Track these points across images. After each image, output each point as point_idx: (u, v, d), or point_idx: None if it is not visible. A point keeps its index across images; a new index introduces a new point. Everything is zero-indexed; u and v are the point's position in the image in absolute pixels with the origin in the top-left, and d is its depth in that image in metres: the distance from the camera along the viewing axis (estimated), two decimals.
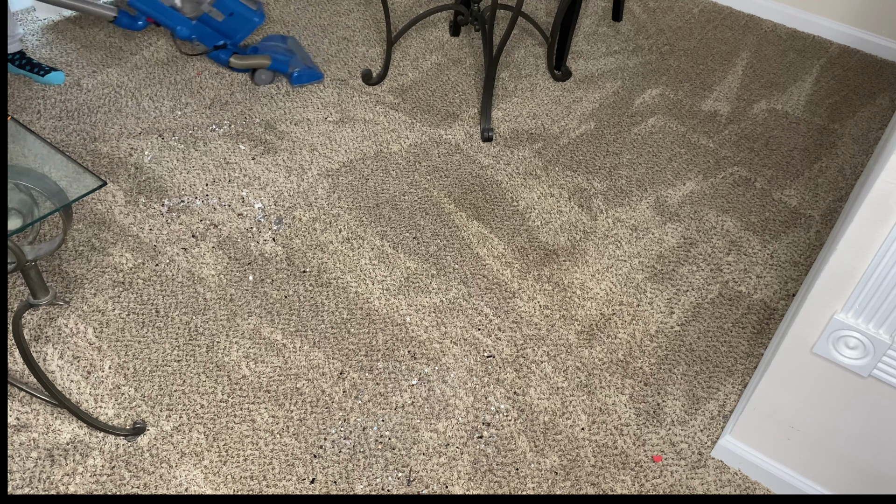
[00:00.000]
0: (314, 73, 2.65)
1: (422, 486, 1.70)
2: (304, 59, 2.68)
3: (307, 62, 2.66)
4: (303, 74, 2.63)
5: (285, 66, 2.61)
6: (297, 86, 2.61)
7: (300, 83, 2.63)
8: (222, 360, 1.89)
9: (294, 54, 2.68)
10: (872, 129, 2.74)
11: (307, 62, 2.66)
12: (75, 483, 1.65)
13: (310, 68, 2.64)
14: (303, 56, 2.69)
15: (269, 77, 2.62)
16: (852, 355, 1.43)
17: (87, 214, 2.22)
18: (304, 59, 2.67)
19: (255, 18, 2.47)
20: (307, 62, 2.66)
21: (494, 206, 2.35)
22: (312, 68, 2.65)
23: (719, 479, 1.76)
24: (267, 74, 2.61)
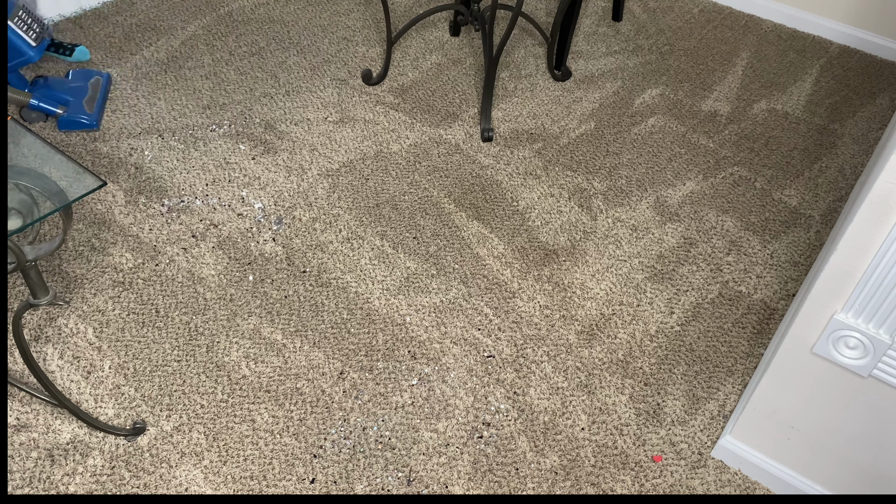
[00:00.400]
0: (82, 122, 2.38)
1: (422, 486, 1.70)
2: (90, 103, 2.41)
3: (89, 109, 2.39)
4: (70, 121, 2.38)
5: (53, 108, 2.37)
6: (63, 130, 2.38)
7: (65, 128, 2.39)
8: (222, 360, 1.89)
9: (82, 96, 2.42)
10: (872, 129, 2.74)
11: (89, 109, 2.39)
12: (75, 483, 1.65)
13: (84, 115, 2.37)
14: (91, 100, 2.42)
15: (37, 116, 2.41)
16: (852, 355, 1.43)
17: (87, 214, 2.22)
18: (88, 105, 2.40)
19: (30, 52, 2.24)
20: (89, 109, 2.39)
21: (494, 206, 2.35)
22: (87, 115, 2.37)
23: (719, 479, 1.76)
24: (34, 114, 2.40)
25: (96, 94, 2.45)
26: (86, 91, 2.46)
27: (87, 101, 2.42)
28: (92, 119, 2.38)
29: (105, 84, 2.54)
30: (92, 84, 2.49)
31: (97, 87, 2.49)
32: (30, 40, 2.20)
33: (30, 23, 2.21)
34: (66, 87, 2.44)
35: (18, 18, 2.18)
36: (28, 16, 2.22)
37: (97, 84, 2.50)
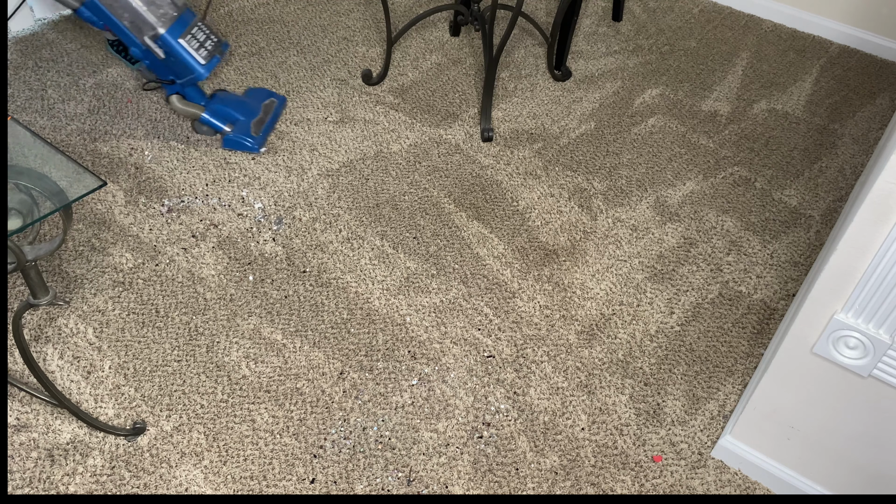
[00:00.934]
0: (246, 144, 2.40)
1: (422, 486, 1.70)
2: (258, 125, 2.42)
3: (255, 131, 2.41)
4: (234, 141, 2.41)
5: (220, 125, 2.41)
6: (225, 148, 2.40)
7: (228, 147, 2.41)
8: (222, 360, 1.89)
9: (251, 117, 2.44)
10: (872, 129, 2.74)
11: (255, 131, 2.41)
12: (75, 483, 1.65)
13: (249, 137, 2.39)
14: (259, 123, 2.43)
15: (206, 130, 2.45)
16: (852, 355, 1.43)
17: (87, 214, 2.22)
18: (255, 127, 2.41)
19: (199, 70, 2.25)
20: (255, 131, 2.41)
21: (494, 206, 2.35)
22: (252, 139, 2.40)
23: (719, 479, 1.76)
24: (204, 127, 2.44)
25: (266, 117, 2.46)
26: (257, 112, 2.47)
27: (255, 123, 2.43)
28: (255, 142, 2.40)
29: (279, 107, 2.55)
30: (265, 105, 2.50)
31: (269, 109, 2.50)
32: (199, 58, 2.22)
33: (203, 40, 2.23)
34: (239, 105, 2.46)
35: (191, 35, 2.21)
36: (203, 32, 2.25)
37: (270, 106, 2.51)
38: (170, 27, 2.20)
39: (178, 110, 2.39)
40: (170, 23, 2.20)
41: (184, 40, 2.22)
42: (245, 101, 2.49)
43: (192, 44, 2.22)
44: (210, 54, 2.26)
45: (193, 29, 2.25)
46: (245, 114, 2.44)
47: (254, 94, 2.56)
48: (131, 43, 2.23)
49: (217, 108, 2.43)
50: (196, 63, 2.23)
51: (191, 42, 2.22)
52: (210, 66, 2.26)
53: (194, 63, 2.24)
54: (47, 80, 2.66)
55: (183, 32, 2.22)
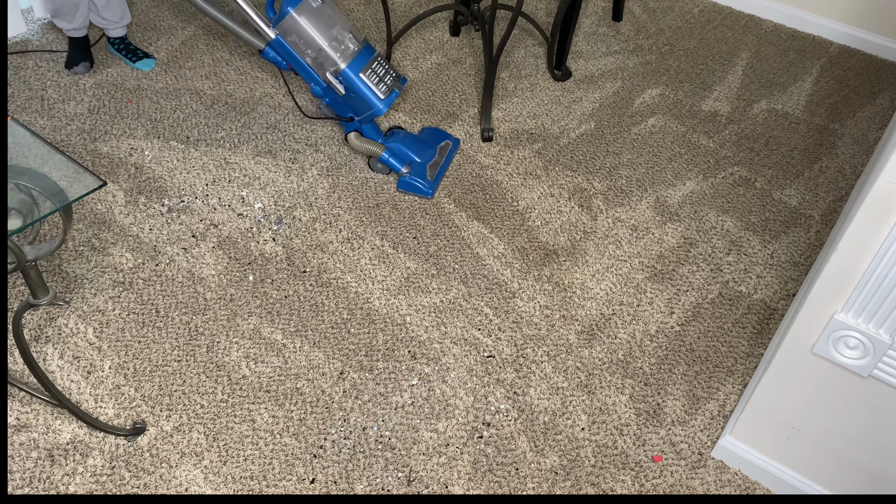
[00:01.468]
0: (420, 188, 2.33)
1: (422, 486, 1.70)
2: (433, 169, 2.37)
3: (430, 174, 2.35)
4: (408, 183, 2.34)
5: (398, 165, 2.35)
6: (399, 189, 2.35)
7: (402, 189, 2.35)
8: (222, 360, 1.89)
9: (427, 159, 2.39)
10: (872, 129, 2.74)
11: (430, 174, 2.35)
12: (75, 483, 1.65)
13: (424, 181, 2.33)
14: (434, 166, 2.38)
15: (382, 168, 2.40)
16: (852, 355, 1.43)
17: (87, 214, 2.22)
18: (431, 170, 2.36)
19: (378, 105, 2.22)
20: (430, 174, 2.35)
21: (494, 206, 2.35)
22: (426, 183, 2.34)
23: (719, 479, 1.76)
24: (380, 166, 2.40)
25: (441, 160, 2.42)
26: (433, 154, 2.42)
27: (430, 166, 2.38)
28: (429, 187, 2.34)
29: (453, 150, 2.49)
30: (441, 148, 2.45)
31: (444, 151, 2.45)
32: (379, 93, 2.23)
33: (382, 74, 2.25)
34: (415, 146, 2.41)
35: (371, 70, 2.22)
36: (382, 67, 2.26)
37: (445, 148, 2.46)
38: (350, 62, 2.20)
39: (357, 148, 2.36)
40: (350, 58, 2.20)
41: (364, 75, 2.22)
42: (422, 142, 2.44)
43: (371, 79, 2.22)
44: (389, 89, 2.26)
45: (374, 64, 2.24)
46: (422, 155, 2.40)
47: (429, 135, 2.51)
48: (312, 80, 2.24)
49: (395, 148, 2.39)
50: (375, 98, 2.22)
51: (370, 77, 2.22)
52: (389, 101, 2.25)
53: (373, 98, 2.22)
54: (47, 80, 2.66)
55: (363, 67, 2.22)
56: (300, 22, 2.13)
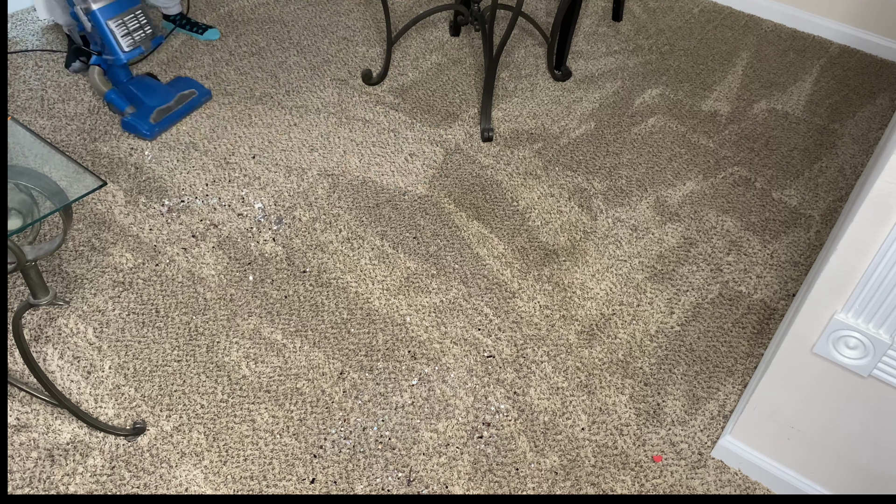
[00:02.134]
0: (138, 130, 2.42)
1: (422, 486, 1.70)
2: (161, 114, 2.44)
3: (156, 118, 2.43)
4: (128, 123, 2.43)
5: (122, 105, 2.45)
6: (124, 131, 2.45)
7: (125, 129, 2.45)
8: (222, 360, 1.89)
9: (158, 103, 2.46)
10: (872, 129, 2.74)
11: (156, 118, 2.43)
12: (75, 483, 1.65)
13: (146, 124, 2.42)
14: (164, 111, 2.46)
15: (110, 108, 2.50)
16: (852, 355, 1.43)
17: (87, 214, 2.22)
18: (158, 114, 2.44)
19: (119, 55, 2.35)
20: (156, 118, 2.43)
21: (494, 206, 2.35)
22: (148, 126, 2.42)
23: (719, 479, 1.76)
24: (108, 105, 2.50)
25: (176, 107, 2.48)
26: (168, 100, 2.48)
27: (160, 111, 2.44)
28: (149, 130, 2.41)
29: (196, 100, 2.54)
30: (180, 96, 2.51)
31: (183, 100, 2.51)
32: (123, 44, 2.32)
33: (134, 28, 2.32)
34: (151, 91, 2.48)
35: (122, 21, 2.30)
36: (138, 21, 2.33)
37: (185, 97, 2.52)
38: (105, 6, 2.26)
39: (91, 81, 2.47)
40: (107, 1, 2.27)
41: (112, 22, 2.29)
42: (160, 89, 2.50)
43: (119, 29, 2.30)
44: (136, 44, 2.34)
45: (128, 15, 2.32)
46: (154, 99, 2.45)
47: (176, 84, 2.57)
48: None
49: (126, 90, 2.46)
50: (117, 48, 2.32)
51: (119, 27, 2.30)
52: (131, 55, 2.34)
53: (115, 47, 2.32)
54: (47, 80, 2.66)
55: (115, 15, 2.29)
56: None
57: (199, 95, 2.56)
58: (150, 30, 2.37)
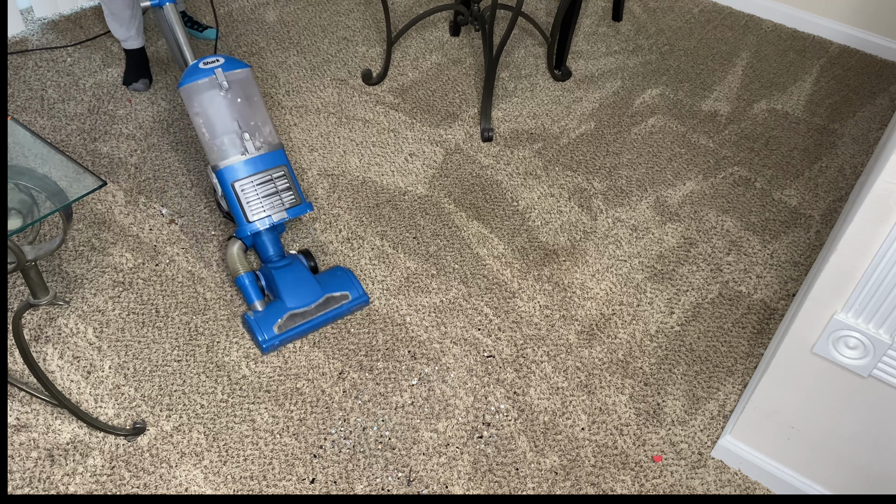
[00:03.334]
0: (255, 336, 1.88)
1: (422, 486, 1.70)
2: (291, 321, 1.90)
3: (282, 326, 1.89)
4: (247, 322, 1.91)
5: (250, 296, 1.93)
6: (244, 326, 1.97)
7: (244, 325, 1.95)
8: (222, 360, 1.89)
9: (296, 305, 1.92)
10: (872, 129, 2.74)
11: (282, 326, 1.89)
12: (75, 483, 1.65)
13: (265, 332, 1.87)
14: (297, 317, 1.91)
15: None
16: (852, 355, 1.43)
17: (87, 214, 2.22)
18: (288, 321, 1.90)
19: (242, 223, 1.90)
20: (282, 326, 1.89)
21: (494, 206, 2.35)
22: (267, 336, 1.87)
23: (719, 479, 1.76)
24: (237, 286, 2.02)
25: (317, 313, 1.92)
26: (310, 302, 1.92)
27: (293, 315, 1.91)
28: (267, 340, 1.87)
29: (348, 305, 1.98)
30: (329, 298, 1.94)
31: (332, 304, 1.93)
32: (248, 212, 1.91)
33: (264, 194, 1.91)
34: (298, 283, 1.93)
35: (251, 183, 1.91)
36: (272, 185, 1.93)
37: (336, 301, 1.94)
38: (232, 164, 1.90)
39: (226, 257, 1.99)
40: (237, 159, 1.90)
41: (237, 185, 1.90)
42: (307, 283, 1.95)
43: (247, 193, 1.90)
44: (272, 212, 1.92)
45: (258, 176, 1.91)
46: (294, 297, 1.92)
47: (329, 279, 2.01)
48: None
49: (266, 275, 1.97)
50: (240, 215, 1.91)
51: (245, 191, 1.90)
52: (256, 225, 1.91)
53: (239, 215, 1.91)
54: (47, 80, 2.66)
55: (243, 177, 1.91)
56: (186, 100, 1.94)
57: (351, 302, 1.99)
58: (292, 197, 1.95)
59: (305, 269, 1.97)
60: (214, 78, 1.92)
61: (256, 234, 1.96)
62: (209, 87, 1.92)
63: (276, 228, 1.99)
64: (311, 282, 1.95)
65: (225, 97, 1.93)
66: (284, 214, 1.94)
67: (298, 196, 1.97)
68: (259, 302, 1.92)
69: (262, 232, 1.96)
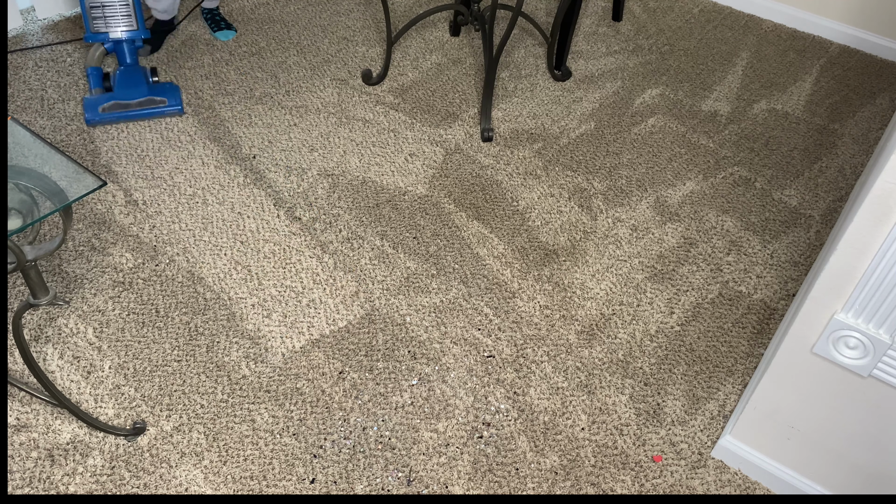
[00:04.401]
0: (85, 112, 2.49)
1: (422, 486, 1.70)
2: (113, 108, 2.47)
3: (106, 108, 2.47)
4: (84, 102, 2.48)
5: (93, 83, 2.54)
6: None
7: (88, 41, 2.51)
8: (222, 360, 1.89)
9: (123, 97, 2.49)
10: (872, 129, 2.74)
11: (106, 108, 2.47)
12: (75, 483, 1.65)
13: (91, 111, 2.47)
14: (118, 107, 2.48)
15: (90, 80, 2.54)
16: (852, 355, 1.43)
17: (87, 214, 2.22)
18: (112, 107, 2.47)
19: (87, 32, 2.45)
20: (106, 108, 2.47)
21: (494, 206, 2.35)
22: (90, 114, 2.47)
23: (719, 479, 1.76)
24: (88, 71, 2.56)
25: (135, 108, 2.50)
26: (133, 97, 2.50)
27: (116, 104, 2.47)
28: (91, 117, 2.45)
29: (159, 110, 2.53)
30: (147, 100, 2.52)
31: (148, 104, 2.51)
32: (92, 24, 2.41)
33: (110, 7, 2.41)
34: (132, 84, 2.50)
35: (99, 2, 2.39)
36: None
37: (151, 102, 2.52)
38: None
39: (88, 55, 2.56)
40: None
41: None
42: (140, 85, 2.49)
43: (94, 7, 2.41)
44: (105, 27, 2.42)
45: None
46: (123, 92, 2.46)
47: (159, 87, 2.53)
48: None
49: (114, 74, 2.49)
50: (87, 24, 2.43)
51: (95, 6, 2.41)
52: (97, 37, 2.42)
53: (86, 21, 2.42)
54: (47, 80, 2.66)
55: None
56: None
57: (167, 106, 2.52)
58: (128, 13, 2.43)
59: (142, 74, 2.52)
60: None
61: (118, 42, 2.47)
62: None
63: (133, 43, 2.51)
64: (141, 84, 2.49)
65: None
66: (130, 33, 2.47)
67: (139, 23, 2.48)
68: (97, 90, 2.49)
69: (124, 42, 2.48)
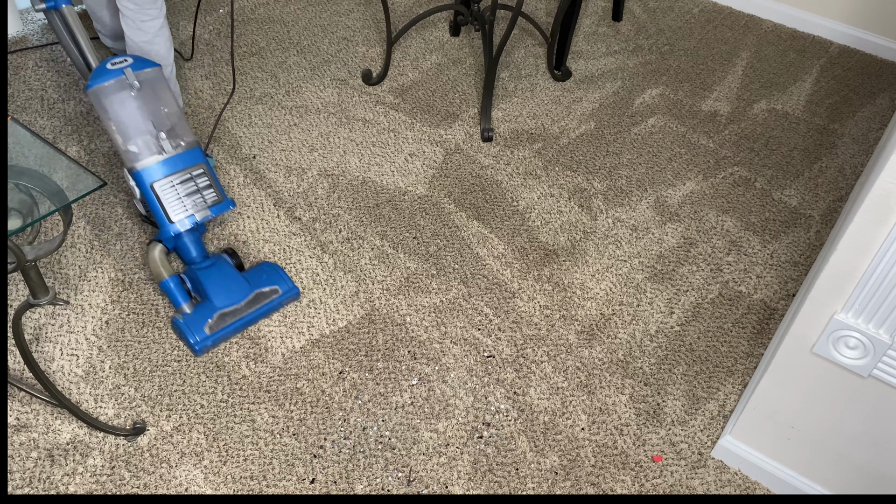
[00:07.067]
0: (187, 338, 1.85)
1: (422, 486, 1.70)
2: (222, 321, 1.88)
3: (213, 326, 1.86)
4: (177, 326, 1.87)
5: (177, 299, 1.88)
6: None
7: (174, 329, 1.91)
8: (222, 360, 1.89)
9: (225, 304, 1.88)
10: (872, 129, 2.74)
11: (213, 326, 1.86)
12: (75, 483, 1.65)
13: (197, 333, 1.84)
14: (228, 315, 1.89)
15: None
16: (852, 355, 1.43)
17: (87, 214, 2.22)
18: (219, 320, 1.87)
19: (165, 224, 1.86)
20: (213, 326, 1.86)
21: (494, 206, 2.35)
22: (199, 337, 1.84)
23: (719, 479, 1.76)
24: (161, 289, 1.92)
25: (247, 311, 1.91)
26: (240, 299, 1.91)
27: (223, 315, 1.88)
28: (200, 341, 1.85)
29: (278, 301, 1.96)
30: (258, 294, 1.93)
31: (262, 299, 1.93)
32: (170, 212, 1.85)
33: (186, 192, 1.88)
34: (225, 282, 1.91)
35: (171, 183, 1.86)
36: (193, 183, 1.89)
37: (266, 296, 1.93)
38: (150, 165, 1.85)
39: (147, 262, 1.95)
40: (155, 160, 1.85)
41: (157, 185, 1.85)
42: (235, 281, 1.92)
43: (167, 193, 1.85)
44: (195, 211, 1.88)
45: (177, 175, 1.87)
46: (222, 297, 1.89)
47: (257, 275, 1.97)
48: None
49: (192, 276, 1.92)
50: (162, 216, 1.85)
51: (166, 191, 1.85)
52: (182, 224, 1.87)
53: (161, 215, 1.86)
54: (47, 80, 2.66)
55: (162, 177, 1.86)
56: (95, 102, 1.86)
57: (281, 295, 1.96)
58: (213, 194, 1.91)
59: (231, 266, 1.94)
60: (124, 78, 1.85)
61: (178, 235, 1.90)
62: (120, 88, 1.85)
63: (197, 229, 1.94)
64: (237, 279, 1.92)
65: (137, 97, 1.86)
66: (208, 212, 1.90)
67: (220, 193, 1.93)
68: (187, 304, 1.87)
69: (184, 234, 1.91)
